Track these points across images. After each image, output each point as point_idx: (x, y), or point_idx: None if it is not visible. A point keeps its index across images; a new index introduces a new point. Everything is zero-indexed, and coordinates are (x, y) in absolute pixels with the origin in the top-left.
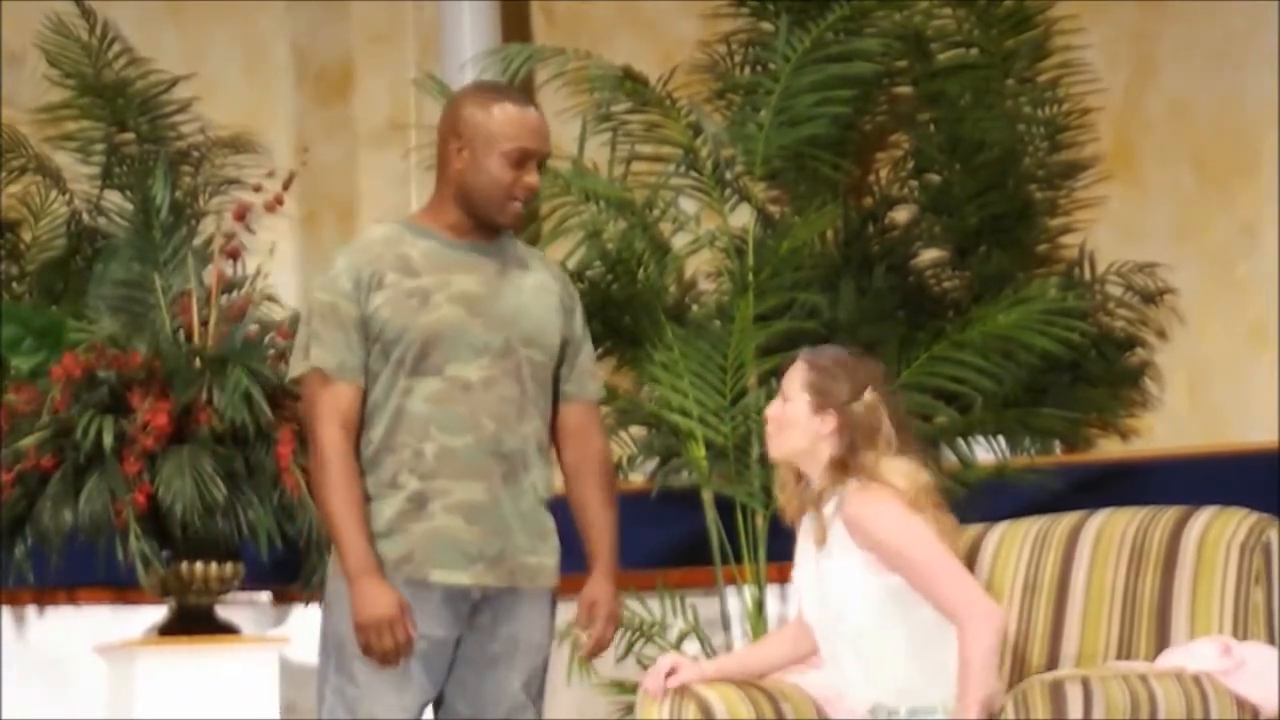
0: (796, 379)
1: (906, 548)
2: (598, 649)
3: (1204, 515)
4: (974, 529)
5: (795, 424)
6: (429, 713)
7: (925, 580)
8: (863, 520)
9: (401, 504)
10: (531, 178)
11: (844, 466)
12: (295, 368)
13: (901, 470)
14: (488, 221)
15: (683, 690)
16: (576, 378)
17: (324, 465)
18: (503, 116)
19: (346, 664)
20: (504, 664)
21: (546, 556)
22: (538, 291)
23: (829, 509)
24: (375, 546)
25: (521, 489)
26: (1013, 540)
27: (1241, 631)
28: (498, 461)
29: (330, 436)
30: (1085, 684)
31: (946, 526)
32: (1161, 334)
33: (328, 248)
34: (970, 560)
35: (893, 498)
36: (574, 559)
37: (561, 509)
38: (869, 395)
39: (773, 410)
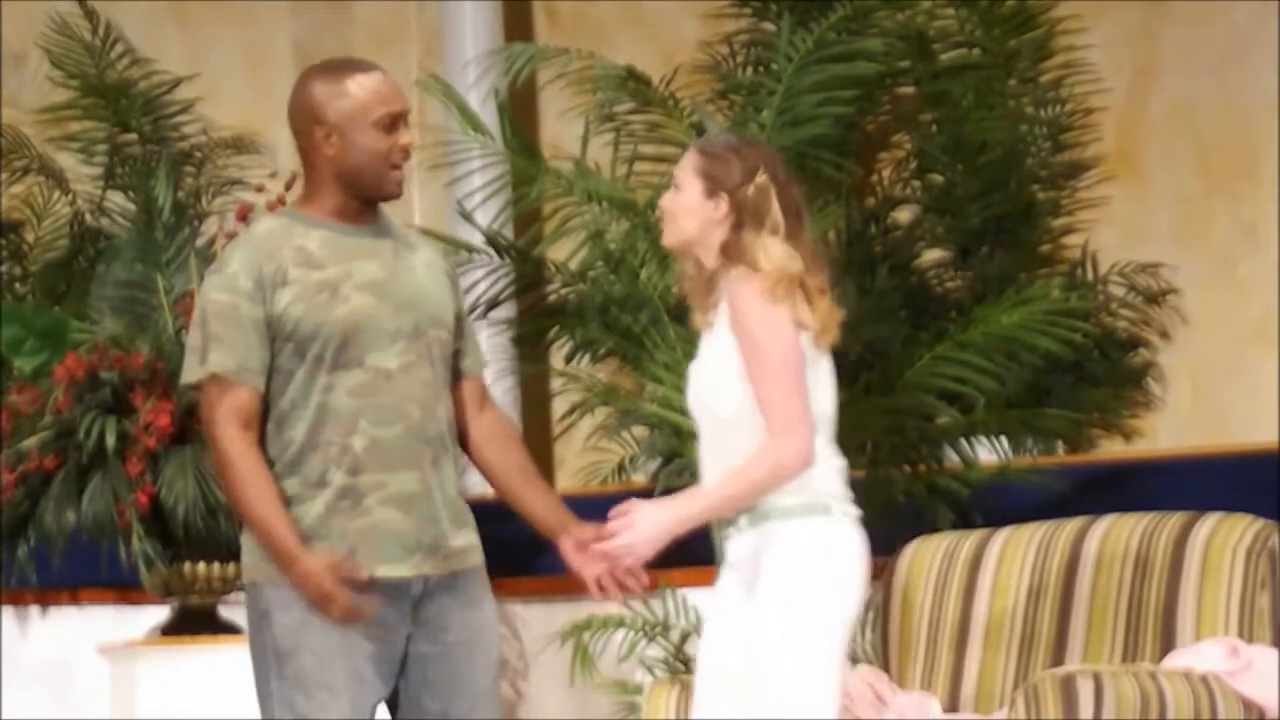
0: (688, 166)
1: (763, 341)
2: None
3: (1209, 521)
4: (979, 533)
5: (687, 211)
6: (382, 710)
7: (763, 377)
8: (737, 301)
9: (331, 501)
10: (405, 138)
11: (730, 249)
12: (191, 372)
13: (774, 253)
14: (374, 197)
15: (686, 686)
16: (472, 352)
17: (231, 465)
18: (360, 89)
19: (292, 672)
20: (462, 653)
21: (471, 536)
22: (430, 269)
23: (718, 294)
24: (311, 548)
25: (445, 474)
26: (1018, 545)
27: (1247, 636)
28: (425, 448)
29: (231, 436)
30: (1097, 679)
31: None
32: (1164, 334)
33: None
34: (975, 564)
35: (768, 285)
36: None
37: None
38: (760, 178)
39: (665, 200)
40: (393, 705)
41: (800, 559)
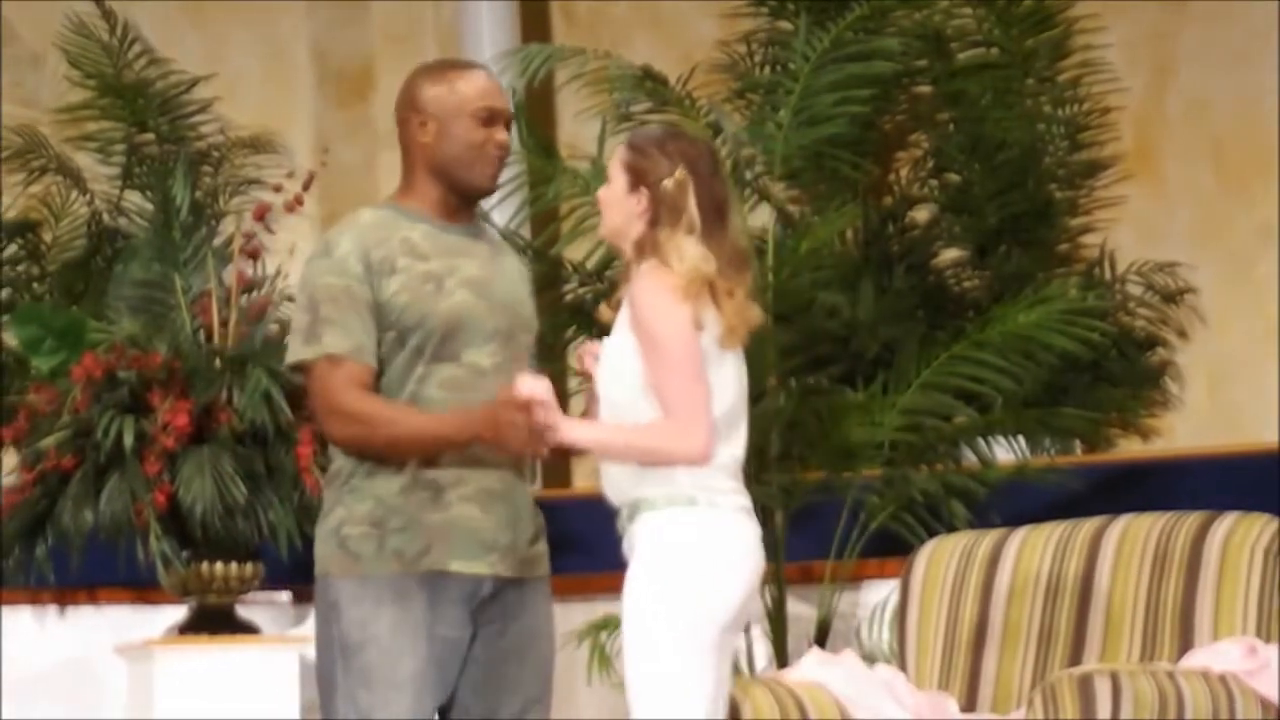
0: (617, 159)
1: (660, 337)
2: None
3: (1227, 520)
4: (996, 533)
5: (612, 204)
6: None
7: (662, 373)
8: (636, 296)
9: (408, 486)
10: (502, 135)
11: (645, 245)
12: (296, 353)
13: (688, 254)
14: (469, 190)
15: None
16: None
17: (370, 420)
18: (462, 83)
19: (359, 666)
20: (515, 659)
21: (543, 544)
22: (521, 275)
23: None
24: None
25: (525, 478)
26: (1035, 544)
27: (1265, 636)
28: None
29: (357, 397)
30: (1114, 678)
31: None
32: (1182, 333)
33: None
34: (993, 563)
35: (674, 284)
36: (583, 558)
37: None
38: (680, 174)
39: (600, 192)
40: (444, 708)
41: (654, 550)
